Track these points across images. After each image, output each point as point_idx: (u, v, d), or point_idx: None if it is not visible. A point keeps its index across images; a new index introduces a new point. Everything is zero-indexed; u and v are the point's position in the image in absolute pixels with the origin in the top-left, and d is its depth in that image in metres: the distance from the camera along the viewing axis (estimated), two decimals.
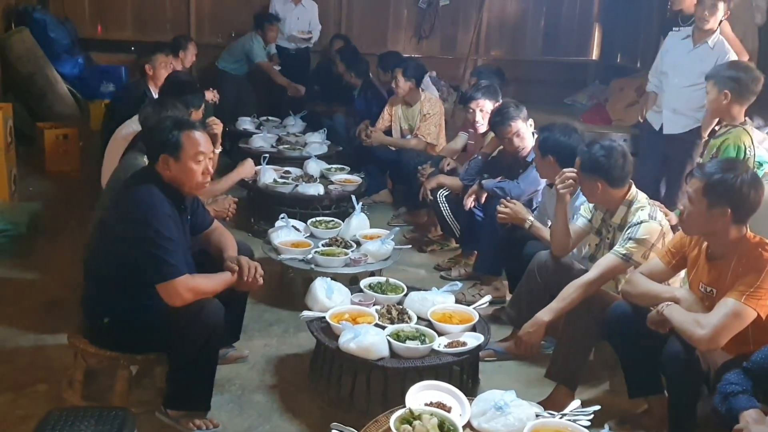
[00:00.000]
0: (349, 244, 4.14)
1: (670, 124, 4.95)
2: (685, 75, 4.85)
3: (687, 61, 4.82)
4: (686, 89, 4.85)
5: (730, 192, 2.52)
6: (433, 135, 5.78)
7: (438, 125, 5.83)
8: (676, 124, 4.92)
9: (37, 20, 7.22)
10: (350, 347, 2.82)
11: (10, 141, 5.53)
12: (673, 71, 4.93)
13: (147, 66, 4.99)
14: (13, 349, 3.44)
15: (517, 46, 9.62)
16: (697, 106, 4.73)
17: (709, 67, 4.55)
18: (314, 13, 8.07)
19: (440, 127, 5.88)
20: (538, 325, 3.09)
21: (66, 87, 7.18)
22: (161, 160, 2.74)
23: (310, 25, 8.00)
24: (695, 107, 4.77)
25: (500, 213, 3.78)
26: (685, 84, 4.84)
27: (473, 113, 4.77)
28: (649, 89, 5.22)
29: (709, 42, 4.72)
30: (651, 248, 3.03)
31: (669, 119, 4.96)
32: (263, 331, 3.76)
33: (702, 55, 4.74)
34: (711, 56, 4.68)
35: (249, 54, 7.54)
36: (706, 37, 4.72)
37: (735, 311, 2.47)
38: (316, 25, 8.09)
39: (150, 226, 2.59)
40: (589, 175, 3.18)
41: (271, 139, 6.27)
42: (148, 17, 8.41)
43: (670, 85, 4.95)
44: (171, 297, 2.62)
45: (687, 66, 4.82)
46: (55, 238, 4.84)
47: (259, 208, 5.24)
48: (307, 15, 7.99)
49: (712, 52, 4.70)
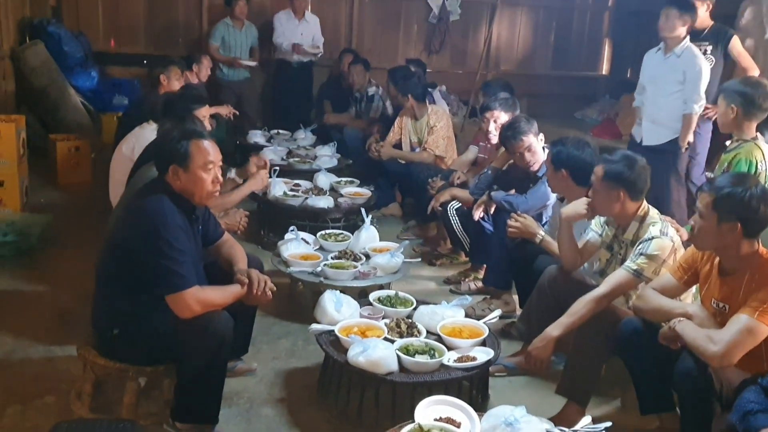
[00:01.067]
0: (359, 257, 4.14)
1: (650, 136, 5.06)
2: (660, 85, 4.98)
3: (660, 72, 4.97)
4: (662, 99, 4.96)
5: (740, 206, 2.51)
6: (441, 147, 5.79)
7: (446, 137, 5.83)
8: (655, 136, 5.02)
9: (51, 34, 7.29)
10: (359, 361, 2.81)
11: (23, 153, 5.57)
12: (651, 83, 5.07)
13: (162, 76, 5.04)
14: (22, 360, 3.44)
15: (527, 60, 9.66)
16: (675, 117, 4.86)
17: (679, 75, 4.75)
18: (317, 27, 8.12)
19: (448, 139, 5.88)
20: (548, 340, 3.06)
21: (79, 100, 7.25)
22: (171, 170, 2.74)
23: (314, 39, 8.05)
24: (673, 118, 4.88)
25: (510, 227, 3.77)
26: (661, 94, 4.96)
27: (487, 122, 4.78)
28: (636, 104, 5.34)
29: (677, 50, 4.84)
30: (662, 264, 3.00)
31: (648, 130, 5.06)
32: (272, 344, 3.75)
33: (672, 64, 4.88)
34: (679, 64, 4.82)
35: None
36: (674, 47, 4.85)
37: (748, 327, 2.44)
38: (320, 38, 8.13)
39: (160, 237, 2.59)
40: (612, 185, 3.14)
41: (281, 152, 6.30)
42: (161, 31, 8.49)
43: (648, 98, 5.08)
44: (180, 308, 2.61)
45: (661, 76, 4.97)
46: (66, 249, 4.85)
47: (269, 220, 5.25)
48: (310, 30, 8.05)
49: (679, 60, 4.83)
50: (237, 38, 7.73)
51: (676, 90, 4.90)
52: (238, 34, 7.73)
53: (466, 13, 9.16)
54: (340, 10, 8.90)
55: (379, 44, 9.07)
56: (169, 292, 2.60)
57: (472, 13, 9.24)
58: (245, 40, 7.80)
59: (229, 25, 7.71)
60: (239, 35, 7.74)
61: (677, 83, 4.88)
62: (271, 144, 6.62)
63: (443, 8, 9.01)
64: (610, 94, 9.25)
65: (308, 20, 8.01)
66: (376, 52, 8.90)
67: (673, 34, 4.84)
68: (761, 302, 2.45)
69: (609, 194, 3.16)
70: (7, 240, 4.65)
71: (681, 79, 4.86)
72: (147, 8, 8.42)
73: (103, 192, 4.34)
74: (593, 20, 9.77)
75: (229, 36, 7.70)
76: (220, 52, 7.68)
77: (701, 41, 5.14)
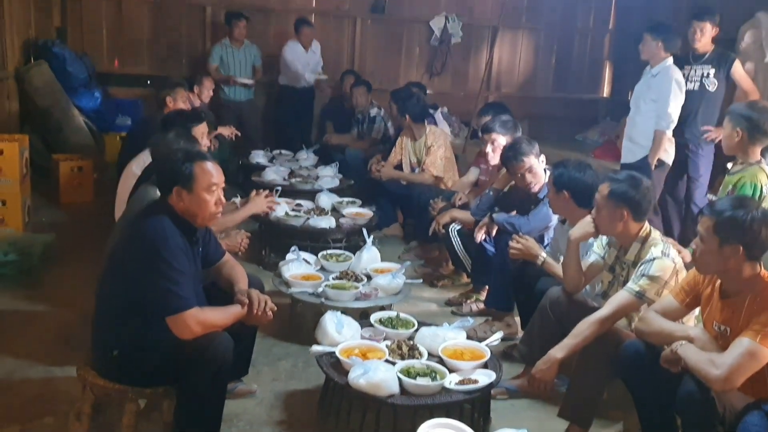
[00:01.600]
0: (360, 277, 4.13)
1: (628, 154, 5.22)
2: (637, 104, 5.14)
3: (639, 92, 5.15)
4: (637, 118, 5.11)
5: (741, 229, 2.50)
6: (439, 168, 5.80)
7: (444, 158, 5.85)
8: (630, 153, 5.18)
9: (56, 54, 7.35)
10: (360, 383, 2.79)
11: (26, 172, 5.59)
12: (633, 103, 5.23)
13: (168, 98, 5.06)
14: (21, 380, 3.42)
15: (529, 83, 9.71)
16: (647, 135, 5.02)
17: (654, 93, 4.93)
18: (319, 55, 8.23)
19: (447, 160, 5.89)
20: (551, 363, 3.05)
21: (82, 120, 7.29)
22: (174, 192, 2.75)
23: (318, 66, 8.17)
24: (645, 136, 5.04)
25: (512, 249, 3.76)
26: (637, 113, 5.12)
27: (485, 144, 4.80)
28: None
29: (653, 71, 5.01)
30: (664, 285, 3.00)
31: (627, 149, 5.23)
32: (272, 365, 3.74)
33: (649, 84, 5.04)
34: (654, 83, 4.99)
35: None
36: (653, 67, 5.04)
37: (750, 351, 2.42)
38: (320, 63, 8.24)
39: (160, 258, 2.59)
40: (616, 204, 3.14)
41: (283, 172, 6.32)
42: (165, 52, 8.56)
43: (628, 117, 5.25)
44: (180, 330, 2.61)
45: (639, 96, 5.14)
46: (67, 269, 4.85)
47: (270, 240, 5.25)
48: (315, 58, 8.17)
49: (655, 79, 5.00)
50: (235, 57, 7.79)
51: (649, 109, 5.03)
52: (237, 53, 7.79)
53: (467, 36, 9.22)
54: (343, 32, 8.97)
55: (381, 66, 9.13)
56: (168, 314, 2.60)
57: (474, 36, 9.31)
58: (244, 59, 7.86)
59: (227, 45, 7.78)
60: (238, 54, 7.80)
61: (651, 102, 5.02)
62: (274, 164, 6.64)
63: (445, 31, 9.08)
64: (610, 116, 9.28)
65: (314, 50, 8.14)
66: (378, 74, 8.96)
67: (648, 56, 5.05)
68: (763, 325, 2.44)
69: (613, 213, 3.16)
70: (9, 259, 4.65)
71: (655, 97, 4.99)
72: (151, 29, 8.49)
73: (106, 212, 4.34)
74: (594, 43, 9.83)
75: (227, 56, 7.77)
76: (219, 72, 7.74)
77: (703, 65, 5.21)
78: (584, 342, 3.02)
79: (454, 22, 9.08)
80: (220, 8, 8.54)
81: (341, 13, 8.90)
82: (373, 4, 8.94)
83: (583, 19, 9.71)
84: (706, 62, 5.20)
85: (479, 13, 9.25)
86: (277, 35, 8.54)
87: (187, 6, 8.52)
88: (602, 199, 3.19)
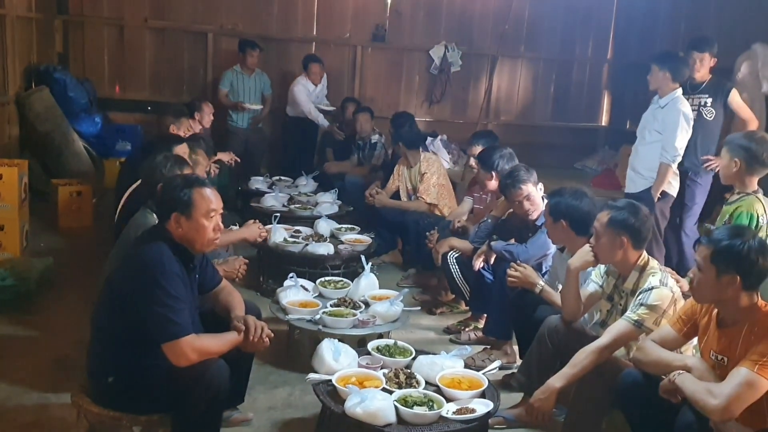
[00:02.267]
0: (358, 304, 4.11)
1: (631, 184, 5.23)
2: (642, 134, 5.13)
3: (645, 122, 5.12)
4: (641, 148, 5.12)
5: (738, 259, 2.51)
6: (433, 195, 5.82)
7: (437, 185, 5.86)
8: (633, 183, 5.18)
9: (57, 80, 7.41)
10: (356, 412, 2.77)
11: (24, 197, 5.59)
12: (638, 133, 5.21)
13: (172, 126, 5.12)
14: (16, 407, 3.40)
15: (527, 111, 9.77)
16: (651, 166, 5.00)
17: (659, 124, 4.91)
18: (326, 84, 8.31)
19: (441, 186, 5.91)
20: (550, 392, 3.03)
21: (82, 145, 7.32)
22: (173, 218, 2.75)
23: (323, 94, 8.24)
24: (648, 167, 5.03)
25: (510, 276, 3.76)
26: (641, 143, 5.12)
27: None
28: None
29: (662, 101, 4.99)
30: (663, 315, 2.99)
31: (630, 179, 5.23)
32: (268, 393, 3.71)
33: (656, 114, 5.02)
34: (660, 114, 4.97)
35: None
36: (658, 99, 5.03)
37: (748, 381, 2.42)
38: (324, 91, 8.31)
39: (158, 285, 2.59)
40: (616, 232, 3.14)
41: (282, 198, 6.32)
42: (166, 78, 8.63)
43: (633, 147, 5.23)
44: (176, 357, 2.59)
45: (645, 126, 5.11)
46: (64, 294, 4.84)
47: (268, 267, 5.24)
48: (323, 91, 8.25)
49: (662, 110, 4.97)
50: (245, 84, 7.85)
51: (654, 140, 5.01)
52: (247, 80, 7.86)
53: (467, 65, 9.30)
54: (343, 60, 9.05)
55: (381, 94, 9.20)
56: (165, 340, 2.58)
57: (473, 64, 9.38)
58: (254, 86, 7.92)
59: (238, 71, 7.84)
60: (248, 81, 7.86)
61: (656, 132, 5.00)
62: (273, 190, 6.66)
63: (444, 60, 9.16)
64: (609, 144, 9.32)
65: (323, 84, 8.23)
66: (379, 101, 9.03)
67: (656, 86, 5.02)
68: (761, 355, 2.43)
69: (613, 241, 3.15)
70: (6, 284, 4.63)
71: (660, 128, 4.97)
72: (152, 55, 8.57)
73: (104, 237, 4.34)
74: (592, 72, 9.91)
75: (237, 82, 7.83)
76: (229, 98, 7.80)
77: (700, 94, 5.23)
78: (583, 371, 3.00)
79: (454, 51, 9.17)
80: (221, 35, 8.62)
81: (342, 41, 8.99)
82: (374, 32, 9.03)
83: (582, 49, 9.81)
84: (703, 92, 5.23)
85: (478, 43, 9.34)
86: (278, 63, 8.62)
87: (189, 33, 8.60)
88: (601, 227, 3.19)
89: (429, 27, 9.19)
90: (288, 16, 8.80)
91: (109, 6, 8.41)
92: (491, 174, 4.79)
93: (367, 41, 9.06)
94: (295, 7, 8.81)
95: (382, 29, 9.02)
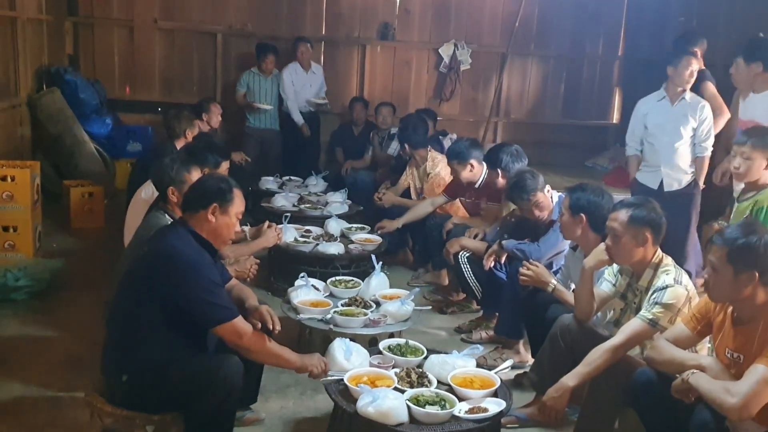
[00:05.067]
0: (369, 304, 4.10)
1: (671, 181, 5.23)
2: (675, 132, 5.16)
3: (671, 119, 5.15)
4: (678, 146, 5.15)
5: (756, 255, 2.49)
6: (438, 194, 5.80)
7: (440, 185, 5.84)
8: (677, 181, 5.21)
9: (68, 81, 7.44)
10: (368, 411, 2.76)
11: (37, 198, 5.62)
12: (661, 132, 5.22)
13: (188, 131, 5.16)
14: (30, 406, 3.42)
15: (538, 109, 9.72)
16: (690, 161, 5.16)
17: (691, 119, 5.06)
18: (322, 76, 8.24)
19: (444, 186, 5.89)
20: (563, 391, 3.01)
21: (93, 146, 7.35)
22: (210, 209, 2.81)
23: (320, 89, 8.17)
24: (689, 162, 5.16)
25: (522, 275, 3.74)
26: (676, 141, 5.15)
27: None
28: (630, 153, 5.52)
29: (687, 98, 5.10)
30: (677, 313, 2.97)
31: (668, 176, 5.23)
32: (280, 392, 3.71)
33: (684, 110, 5.11)
34: (690, 109, 5.09)
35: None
36: (683, 95, 5.11)
37: (766, 378, 2.40)
38: (323, 86, 8.24)
39: (197, 272, 2.67)
40: (639, 229, 3.10)
41: (293, 198, 6.32)
42: (176, 79, 8.65)
43: (662, 145, 5.22)
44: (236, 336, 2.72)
45: (672, 124, 5.15)
46: (77, 295, 4.86)
47: (279, 266, 5.24)
48: (317, 80, 8.17)
49: (690, 104, 5.10)
50: (262, 85, 7.84)
51: (688, 135, 5.13)
52: (264, 81, 7.85)
53: (476, 63, 9.26)
54: (352, 59, 9.04)
55: (390, 92, 9.17)
56: (217, 324, 2.69)
57: (483, 62, 9.34)
58: (270, 87, 7.89)
59: (255, 73, 7.82)
60: (265, 82, 7.85)
61: (691, 129, 5.11)
62: (283, 190, 6.66)
63: (454, 58, 9.13)
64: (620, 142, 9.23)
65: (315, 71, 8.13)
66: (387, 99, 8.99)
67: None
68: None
69: (635, 238, 3.11)
70: (19, 285, 4.67)
71: (695, 124, 5.10)
72: (162, 56, 8.59)
73: (116, 238, 4.36)
74: (603, 69, 9.84)
75: (254, 83, 7.82)
76: (246, 99, 7.83)
77: None
78: (596, 370, 2.99)
79: (463, 50, 9.13)
80: (230, 35, 8.63)
81: (350, 40, 8.98)
82: (382, 31, 9.02)
83: (592, 46, 9.74)
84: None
85: (488, 41, 9.30)
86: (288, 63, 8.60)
87: (199, 34, 8.61)
88: (622, 226, 3.12)
89: (438, 25, 9.15)
90: (297, 16, 8.78)
91: (119, 7, 8.43)
92: (498, 171, 4.77)
93: (375, 39, 9.05)
94: (303, 7, 8.79)
95: (391, 27, 9.00)
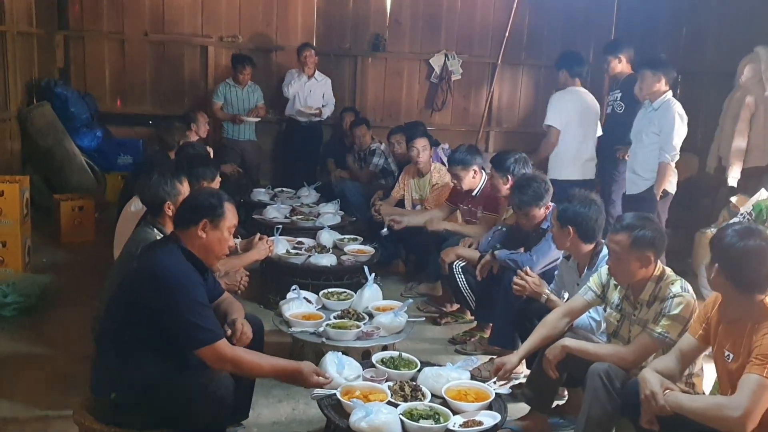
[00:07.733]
0: (362, 316, 4.07)
1: (632, 186, 5.35)
2: (638, 137, 5.30)
3: (642, 126, 5.27)
4: (640, 151, 5.25)
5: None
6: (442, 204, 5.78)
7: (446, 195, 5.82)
8: (636, 185, 5.29)
9: (58, 95, 7.42)
10: (361, 426, 2.73)
11: (26, 213, 5.57)
12: (635, 137, 5.37)
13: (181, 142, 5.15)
14: (18, 424, 3.37)
15: (530, 118, 9.73)
16: (651, 167, 5.15)
17: (656, 126, 5.10)
18: (328, 87, 8.19)
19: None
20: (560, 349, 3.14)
21: (84, 160, 7.31)
22: (201, 225, 2.77)
23: (324, 98, 8.12)
24: (649, 168, 5.17)
25: (516, 285, 3.72)
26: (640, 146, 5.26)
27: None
28: None
29: (655, 104, 5.15)
30: (686, 324, 2.95)
31: (631, 181, 5.36)
32: (272, 407, 3.67)
33: (651, 118, 5.18)
34: (655, 117, 5.13)
35: None
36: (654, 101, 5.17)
37: (762, 386, 2.43)
38: (330, 98, 8.18)
39: (184, 292, 2.62)
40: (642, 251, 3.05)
41: (284, 209, 6.29)
42: (167, 92, 8.61)
43: (631, 150, 5.41)
44: (217, 360, 2.64)
45: (641, 130, 5.27)
46: (66, 310, 4.81)
47: (271, 279, 5.21)
48: (320, 89, 8.11)
49: (656, 113, 5.13)
50: (239, 96, 7.84)
51: (652, 141, 5.15)
52: (240, 92, 7.85)
53: (467, 73, 9.27)
54: (344, 69, 9.03)
55: (381, 103, 9.17)
56: (199, 346, 2.62)
57: (474, 72, 9.36)
58: (247, 98, 7.90)
59: (230, 84, 7.83)
60: (241, 93, 7.85)
61: (653, 135, 5.14)
62: (275, 202, 6.63)
63: (445, 68, 9.15)
64: None
65: (318, 79, 8.08)
66: (379, 110, 9.02)
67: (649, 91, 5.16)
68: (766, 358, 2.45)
69: (639, 260, 3.06)
70: (8, 300, 4.63)
71: (657, 130, 5.11)
72: (153, 69, 8.56)
73: (107, 251, 4.32)
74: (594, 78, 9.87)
75: (230, 95, 7.82)
76: (223, 110, 7.79)
77: (613, 91, 5.95)
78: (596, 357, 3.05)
79: (454, 60, 9.15)
80: (222, 48, 8.62)
81: (342, 51, 8.98)
82: (373, 42, 9.03)
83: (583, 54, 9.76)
84: (616, 88, 6.06)
85: (479, 50, 9.32)
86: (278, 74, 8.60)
87: (190, 46, 8.60)
88: (624, 250, 3.06)
89: (429, 35, 9.17)
90: (288, 28, 8.78)
91: (109, 20, 8.40)
92: (507, 178, 4.73)
93: (367, 50, 9.05)
94: (295, 19, 8.79)
95: (382, 39, 9.01)
